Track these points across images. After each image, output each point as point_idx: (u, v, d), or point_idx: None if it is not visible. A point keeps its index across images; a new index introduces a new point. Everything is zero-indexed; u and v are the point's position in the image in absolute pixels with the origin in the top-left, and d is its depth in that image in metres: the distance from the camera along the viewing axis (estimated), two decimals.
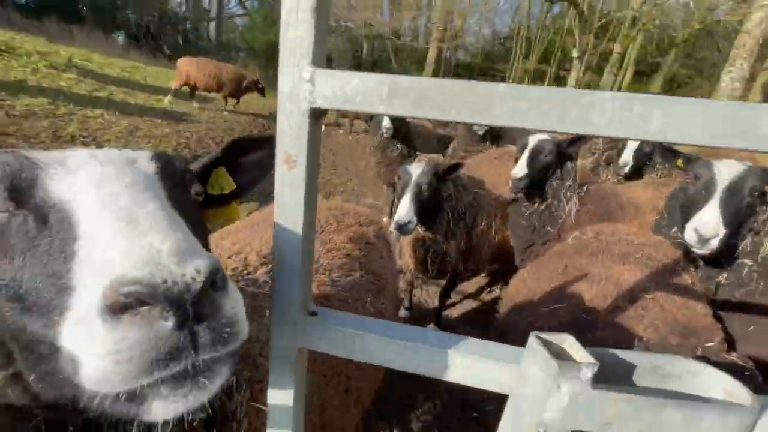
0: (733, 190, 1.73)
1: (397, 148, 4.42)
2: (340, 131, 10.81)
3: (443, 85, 0.44)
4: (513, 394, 0.42)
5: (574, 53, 16.67)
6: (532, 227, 2.63)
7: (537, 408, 0.37)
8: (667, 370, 0.44)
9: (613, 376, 0.43)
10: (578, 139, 2.59)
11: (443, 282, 3.13)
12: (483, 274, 3.87)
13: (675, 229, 2.01)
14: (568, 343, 0.40)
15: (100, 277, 0.42)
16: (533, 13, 22.78)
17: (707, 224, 1.68)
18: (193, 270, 0.42)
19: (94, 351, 0.41)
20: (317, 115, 0.50)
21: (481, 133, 4.57)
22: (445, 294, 3.16)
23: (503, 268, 3.23)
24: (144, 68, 16.40)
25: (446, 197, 2.65)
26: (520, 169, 2.46)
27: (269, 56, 28.42)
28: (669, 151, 2.18)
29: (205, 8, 33.92)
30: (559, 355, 0.39)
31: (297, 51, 0.47)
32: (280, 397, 0.61)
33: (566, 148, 2.54)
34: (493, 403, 1.52)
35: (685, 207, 1.89)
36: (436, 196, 2.57)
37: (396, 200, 2.62)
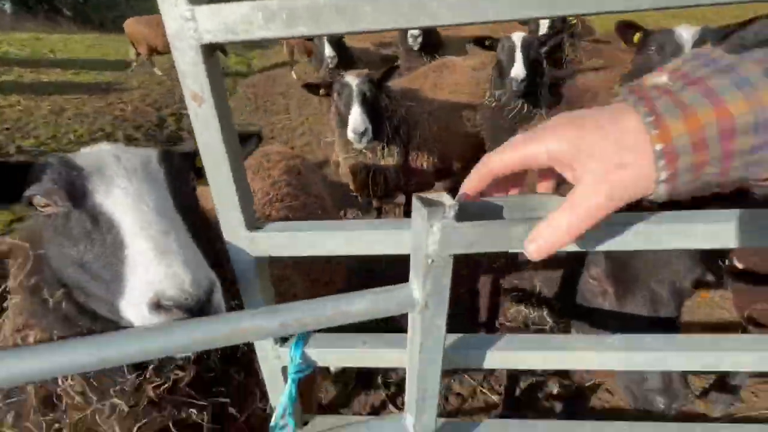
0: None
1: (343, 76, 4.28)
2: (293, 74, 10.13)
3: (308, 1, 0.49)
4: (411, 245, 0.55)
5: None
6: (513, 130, 2.69)
7: (422, 246, 0.50)
8: (528, 206, 0.57)
9: (489, 217, 0.56)
10: (552, 35, 2.56)
11: None
12: (442, 187, 4.03)
13: None
14: (444, 197, 0.52)
15: (147, 285, 0.66)
16: None
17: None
18: (201, 291, 0.66)
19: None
20: (210, 49, 0.55)
21: (416, 48, 4.40)
22: (406, 213, 3.33)
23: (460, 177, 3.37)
24: (47, 38, 14.36)
25: (384, 107, 2.65)
26: (521, 70, 2.42)
27: None
28: (628, 27, 2.16)
29: None
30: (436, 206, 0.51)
31: None
32: (252, 302, 0.74)
33: (542, 45, 2.55)
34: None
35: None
36: (377, 105, 2.57)
37: (338, 115, 2.60)
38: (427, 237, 0.48)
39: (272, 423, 0.72)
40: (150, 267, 0.66)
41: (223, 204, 0.64)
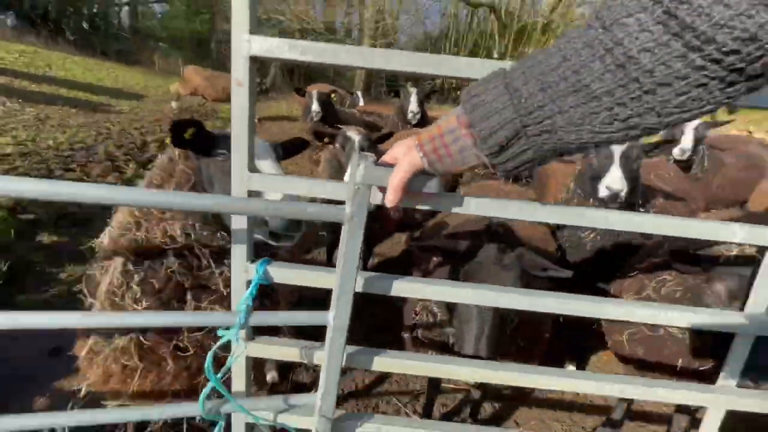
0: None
1: (346, 131, 4.86)
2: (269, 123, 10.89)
3: (328, 47, 0.93)
4: (348, 179, 0.93)
5: (495, 55, 18.32)
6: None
7: (353, 178, 0.89)
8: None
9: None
10: (663, 143, 2.54)
11: None
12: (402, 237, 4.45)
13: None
14: (370, 154, 0.92)
15: None
16: (460, 18, 24.35)
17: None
18: None
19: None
20: (254, 60, 0.97)
21: (414, 123, 5.14)
22: (368, 254, 3.68)
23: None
24: (46, 54, 14.74)
25: None
26: (618, 182, 2.05)
27: (193, 47, 26.79)
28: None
29: None
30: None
31: (241, 25, 0.93)
32: (239, 221, 1.07)
33: (645, 155, 2.31)
34: None
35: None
36: None
37: (338, 162, 3.02)
38: (356, 172, 0.87)
39: (234, 307, 1.01)
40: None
41: (238, 149, 1.01)
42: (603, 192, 2.09)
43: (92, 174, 5.26)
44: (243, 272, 1.08)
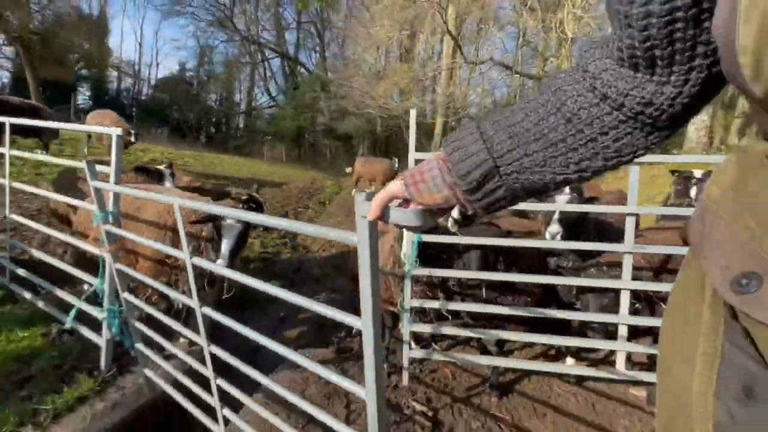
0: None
1: None
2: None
3: None
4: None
5: None
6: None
7: (358, 213, 1.79)
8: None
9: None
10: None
11: None
12: None
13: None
14: (365, 193, 0.91)
15: None
16: (526, 87, 26.27)
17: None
18: None
19: None
20: (416, 161, 2.61)
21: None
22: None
23: None
24: (205, 156, 19.27)
25: None
26: (556, 227, 2.96)
27: (294, 137, 32.22)
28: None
29: (237, 102, 39.21)
30: None
31: (413, 148, 2.59)
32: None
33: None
34: None
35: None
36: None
37: None
38: (357, 207, 0.94)
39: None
40: None
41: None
42: (547, 235, 3.05)
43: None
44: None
